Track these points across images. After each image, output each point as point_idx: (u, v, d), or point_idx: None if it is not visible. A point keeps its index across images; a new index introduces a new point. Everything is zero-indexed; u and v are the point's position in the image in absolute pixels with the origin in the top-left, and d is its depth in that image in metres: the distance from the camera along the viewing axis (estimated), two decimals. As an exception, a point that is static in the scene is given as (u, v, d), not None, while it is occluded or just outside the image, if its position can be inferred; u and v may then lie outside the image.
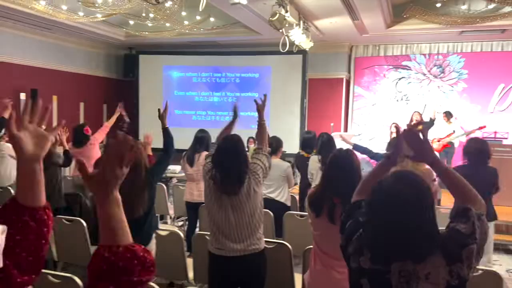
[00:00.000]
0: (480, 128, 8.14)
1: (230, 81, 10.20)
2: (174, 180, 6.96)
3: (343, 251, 1.52)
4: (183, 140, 5.32)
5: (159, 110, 3.33)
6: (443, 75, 9.21)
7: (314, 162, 4.77)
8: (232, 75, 10.19)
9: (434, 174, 5.29)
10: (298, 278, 2.99)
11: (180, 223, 5.85)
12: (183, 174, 5.43)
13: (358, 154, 2.94)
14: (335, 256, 2.28)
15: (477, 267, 3.22)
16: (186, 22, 7.59)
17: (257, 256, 2.59)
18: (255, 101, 2.96)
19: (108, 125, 5.37)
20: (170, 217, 5.85)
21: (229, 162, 2.58)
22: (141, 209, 2.80)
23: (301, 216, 3.90)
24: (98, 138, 5.32)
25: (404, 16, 7.40)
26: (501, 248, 5.72)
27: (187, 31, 7.92)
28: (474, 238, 1.35)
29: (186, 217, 5.23)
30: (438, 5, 7.04)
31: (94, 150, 5.23)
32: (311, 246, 2.95)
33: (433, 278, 1.30)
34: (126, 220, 1.00)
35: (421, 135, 1.57)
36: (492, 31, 7.97)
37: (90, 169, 1.01)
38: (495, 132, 8.05)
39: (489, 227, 3.47)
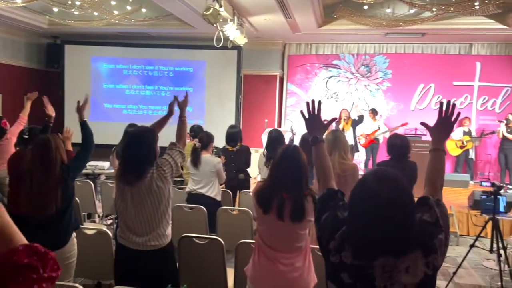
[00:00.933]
0: (403, 124, 8.71)
1: (164, 74, 9.95)
2: (103, 177, 6.67)
3: (322, 246, 1.50)
4: (112, 135, 5.11)
5: (78, 102, 3.20)
6: (370, 74, 9.70)
7: (261, 157, 4.85)
8: (165, 69, 9.95)
9: (360, 168, 5.44)
10: (230, 273, 2.99)
11: (109, 222, 5.62)
12: (113, 171, 5.21)
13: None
14: (281, 250, 2.31)
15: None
16: (116, 12, 7.27)
17: (157, 253, 2.53)
18: (175, 97, 2.92)
19: (23, 116, 4.98)
20: (98, 216, 5.60)
21: (130, 152, 2.58)
22: (53, 206, 2.71)
23: (233, 210, 3.91)
24: (15, 131, 4.95)
25: (335, 16, 7.68)
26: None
27: (117, 21, 7.60)
28: (440, 226, 1.41)
29: (116, 215, 5.03)
30: (366, 7, 7.39)
31: (11, 144, 4.91)
32: (245, 241, 2.98)
33: (413, 270, 1.33)
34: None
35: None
36: (414, 34, 8.53)
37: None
38: (416, 129, 8.64)
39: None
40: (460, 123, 8.95)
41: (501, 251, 3.97)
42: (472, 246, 4.17)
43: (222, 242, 2.93)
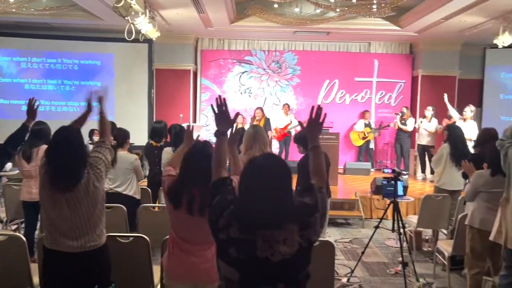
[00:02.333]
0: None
1: (68, 68, 9.36)
2: (4, 179, 6.11)
3: (212, 225, 1.65)
4: (9, 133, 4.69)
5: None
6: (280, 70, 10.08)
7: (167, 154, 4.77)
8: (69, 62, 9.35)
9: None
10: (157, 271, 2.98)
11: (14, 227, 5.18)
12: (17, 172, 4.82)
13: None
14: (193, 242, 2.36)
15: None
16: (12, 0, 6.66)
17: (96, 253, 2.46)
18: (92, 92, 2.83)
19: None
20: (1, 221, 5.14)
21: (60, 156, 2.39)
22: None
23: (154, 208, 3.86)
24: None
25: (246, 13, 7.85)
26: (329, 222, 6.61)
27: (13, 10, 6.96)
28: (317, 208, 1.65)
29: (22, 219, 4.67)
30: (276, 5, 7.66)
31: None
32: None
33: (289, 242, 1.54)
34: None
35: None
36: (320, 33, 9.05)
37: None
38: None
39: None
40: (362, 116, 9.73)
41: (401, 230, 4.44)
42: (376, 227, 4.61)
43: (148, 239, 2.91)
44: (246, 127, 8.48)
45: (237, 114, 2.34)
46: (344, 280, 4.44)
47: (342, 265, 4.89)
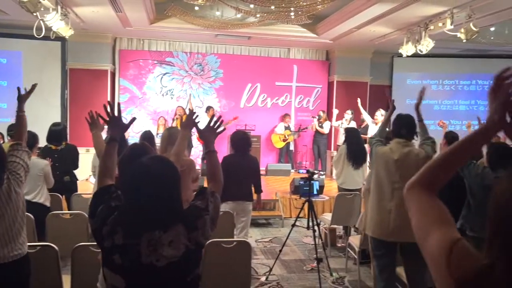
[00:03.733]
0: (234, 118, 9.35)
1: (-32, 65, 8.52)
2: None
3: (97, 234, 1.61)
4: None
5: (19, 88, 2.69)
6: (203, 73, 10.07)
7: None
8: (-31, 59, 8.53)
9: (197, 163, 5.57)
10: (66, 280, 2.84)
11: None
12: None
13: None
14: None
15: (233, 239, 3.72)
16: None
17: (20, 262, 2.34)
18: (18, 88, 2.67)
19: None
20: None
21: None
22: None
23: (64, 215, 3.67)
24: None
25: (166, 14, 7.74)
26: (251, 223, 6.73)
27: None
28: (207, 211, 1.68)
29: None
30: (196, 8, 7.65)
31: None
32: (81, 244, 2.86)
33: (175, 244, 1.54)
34: None
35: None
36: (241, 37, 9.19)
37: None
38: (246, 125, 9.37)
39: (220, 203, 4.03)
40: (282, 119, 10.04)
41: (316, 228, 4.67)
42: (293, 226, 4.80)
43: (56, 248, 2.77)
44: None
45: (133, 119, 2.20)
46: (263, 278, 4.56)
47: (261, 264, 5.02)
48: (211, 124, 2.02)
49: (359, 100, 8.83)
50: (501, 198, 0.87)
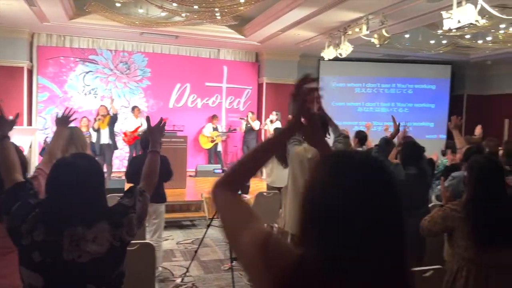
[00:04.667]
0: (164, 120, 9.12)
1: None
2: None
3: (14, 232, 1.56)
4: None
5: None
6: (129, 71, 9.78)
7: None
8: None
9: (123, 165, 5.29)
10: None
11: None
12: None
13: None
14: None
15: (134, 241, 3.63)
16: None
17: None
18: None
19: None
20: None
21: None
22: None
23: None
24: None
25: (86, 10, 7.43)
26: (175, 225, 6.65)
27: None
28: (134, 209, 1.69)
29: None
30: (118, 4, 7.41)
31: None
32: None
33: (99, 240, 1.55)
34: None
35: None
36: (168, 36, 9.04)
37: None
38: (174, 125, 9.22)
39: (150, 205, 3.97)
40: (210, 120, 10.01)
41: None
42: (208, 226, 4.76)
43: None
44: (92, 130, 8.02)
45: (17, 115, 2.18)
46: (178, 280, 4.50)
47: (179, 266, 4.95)
48: (153, 126, 2.09)
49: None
50: (310, 189, 0.91)
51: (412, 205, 3.07)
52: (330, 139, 3.75)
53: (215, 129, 9.88)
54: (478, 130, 5.95)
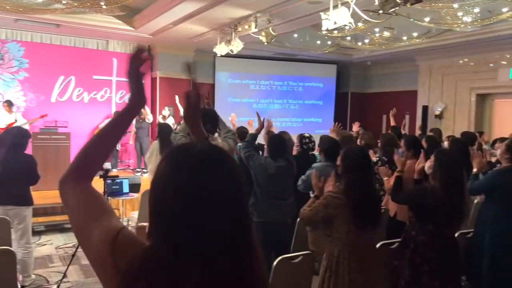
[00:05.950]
0: (42, 116, 8.38)
1: None
2: None
3: None
4: None
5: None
6: (3, 62, 8.80)
7: None
8: None
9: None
10: None
11: None
12: None
13: None
14: None
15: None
16: None
17: None
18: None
19: None
20: None
21: None
22: None
23: None
24: None
25: None
26: (55, 229, 6.15)
27: None
28: None
29: None
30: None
31: None
32: None
33: None
34: None
35: None
36: (48, 24, 8.29)
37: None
38: (56, 121, 8.51)
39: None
40: (109, 117, 9.45)
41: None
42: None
43: None
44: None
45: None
46: (54, 287, 4.17)
47: (57, 272, 4.58)
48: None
49: (177, 98, 8.93)
50: (154, 181, 0.91)
51: (284, 195, 3.20)
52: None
53: (104, 125, 9.35)
54: (355, 126, 6.46)
